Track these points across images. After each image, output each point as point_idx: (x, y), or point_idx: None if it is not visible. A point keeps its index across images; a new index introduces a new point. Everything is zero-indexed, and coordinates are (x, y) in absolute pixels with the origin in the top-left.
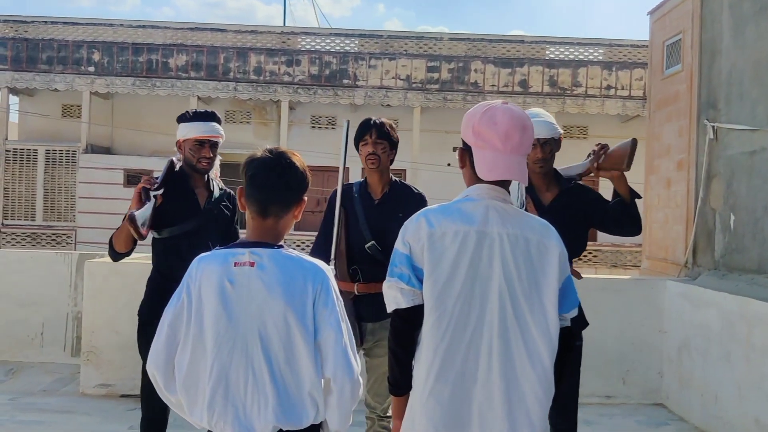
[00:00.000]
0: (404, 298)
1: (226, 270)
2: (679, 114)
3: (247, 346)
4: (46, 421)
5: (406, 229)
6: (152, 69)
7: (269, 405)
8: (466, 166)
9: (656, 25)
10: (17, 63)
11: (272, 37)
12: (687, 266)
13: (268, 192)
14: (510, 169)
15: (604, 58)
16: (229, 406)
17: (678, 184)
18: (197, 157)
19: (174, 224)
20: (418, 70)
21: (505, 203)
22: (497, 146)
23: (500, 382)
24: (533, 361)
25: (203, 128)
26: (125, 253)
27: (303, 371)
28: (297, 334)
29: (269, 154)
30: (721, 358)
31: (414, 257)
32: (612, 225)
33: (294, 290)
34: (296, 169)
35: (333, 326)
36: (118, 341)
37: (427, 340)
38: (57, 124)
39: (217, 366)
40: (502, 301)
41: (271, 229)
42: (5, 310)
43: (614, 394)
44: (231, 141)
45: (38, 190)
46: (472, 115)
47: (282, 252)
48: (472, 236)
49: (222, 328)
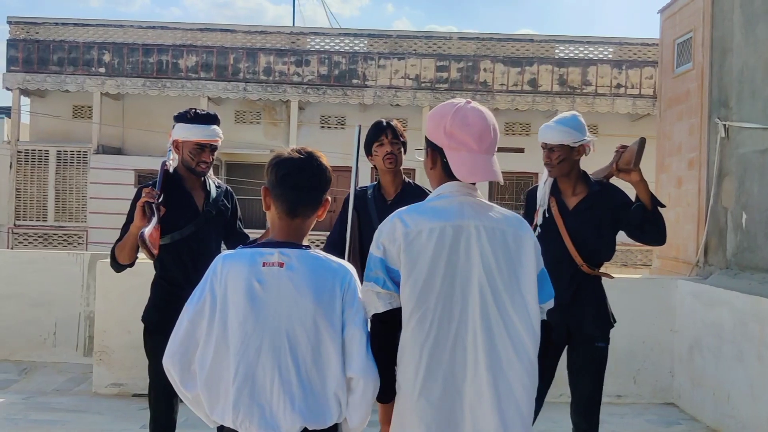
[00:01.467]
0: (381, 301)
1: (255, 270)
2: (690, 112)
3: (274, 346)
4: (59, 421)
5: (381, 231)
6: (162, 70)
7: (296, 404)
8: (436, 167)
9: (667, 24)
10: (29, 64)
11: (281, 37)
12: (698, 265)
13: (299, 192)
14: (488, 170)
15: (613, 56)
16: (255, 406)
17: (689, 183)
18: (197, 161)
19: (174, 230)
20: (427, 69)
21: (475, 198)
22: (472, 147)
23: (487, 375)
24: (518, 352)
25: (205, 132)
26: (128, 265)
27: (329, 371)
28: (325, 334)
29: (299, 154)
30: (734, 357)
31: (389, 260)
32: (636, 231)
33: (323, 291)
34: (325, 170)
35: (359, 326)
36: (130, 341)
37: (411, 341)
38: (68, 125)
39: (243, 365)
40: (483, 295)
41: (297, 229)
42: (18, 311)
43: (625, 393)
44: (241, 141)
45: (50, 191)
46: (440, 116)
47: (309, 253)
48: (449, 231)
49: (249, 328)
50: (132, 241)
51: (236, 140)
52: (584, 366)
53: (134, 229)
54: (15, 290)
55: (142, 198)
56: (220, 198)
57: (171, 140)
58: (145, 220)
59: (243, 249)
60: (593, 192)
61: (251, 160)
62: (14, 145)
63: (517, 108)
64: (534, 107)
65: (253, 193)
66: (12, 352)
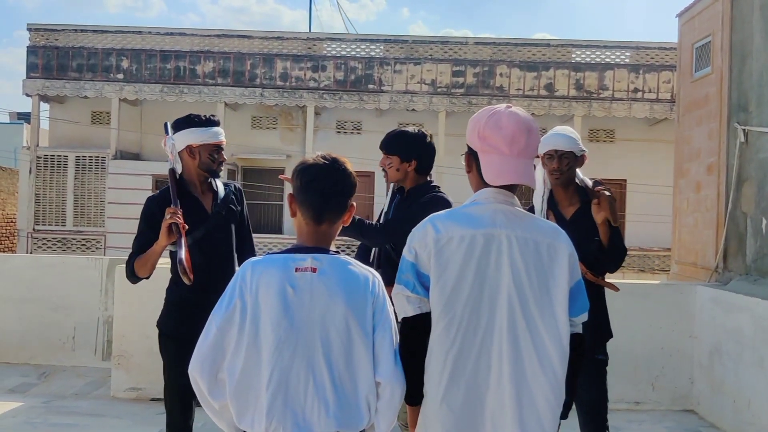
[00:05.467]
0: (410, 305)
1: (288, 275)
2: (709, 117)
3: (308, 351)
4: (79, 425)
5: (413, 236)
6: (180, 76)
7: (330, 410)
8: (473, 171)
9: (685, 28)
10: (48, 71)
11: (298, 43)
12: (717, 271)
13: (326, 198)
14: (517, 173)
15: (631, 60)
16: (288, 412)
17: (708, 188)
18: (217, 162)
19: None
20: (443, 74)
21: (512, 207)
22: (503, 150)
23: (511, 388)
24: (544, 366)
25: (219, 134)
26: (146, 277)
27: (361, 376)
28: (357, 339)
29: (325, 160)
30: (755, 364)
31: (419, 264)
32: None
33: (355, 296)
34: (351, 176)
35: (388, 331)
36: (148, 345)
37: (437, 347)
38: (87, 130)
39: (277, 371)
40: (511, 305)
41: (325, 234)
42: (38, 315)
43: (643, 400)
44: (258, 146)
45: (68, 196)
46: (477, 120)
47: (340, 258)
48: (479, 239)
49: (283, 334)
50: (155, 258)
51: (253, 145)
52: (586, 378)
53: (158, 248)
54: (35, 294)
55: (168, 219)
56: (230, 197)
57: (182, 146)
58: (170, 240)
59: (272, 255)
60: (587, 201)
61: (267, 165)
62: (34, 151)
63: (533, 113)
64: (550, 112)
65: (269, 198)
66: (32, 356)
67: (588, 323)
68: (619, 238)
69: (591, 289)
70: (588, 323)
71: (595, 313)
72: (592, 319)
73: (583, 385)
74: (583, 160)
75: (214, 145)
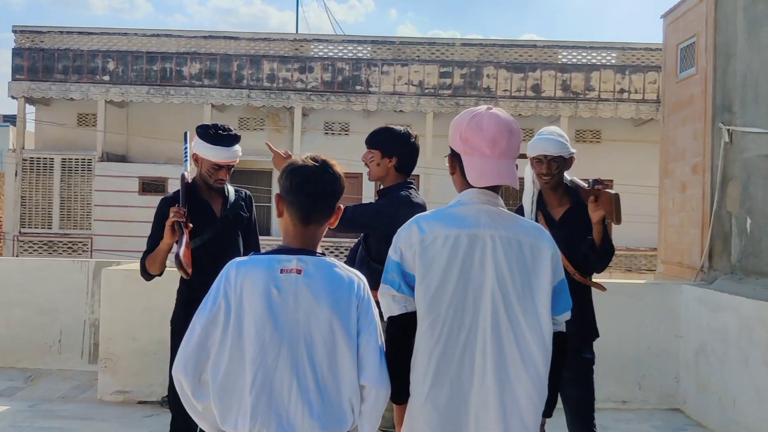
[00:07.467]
0: (396, 305)
1: (272, 276)
2: (694, 117)
3: (293, 353)
4: (65, 428)
5: (399, 236)
6: (166, 77)
7: (314, 411)
8: (456, 173)
9: (670, 28)
10: (33, 73)
11: (285, 44)
12: (703, 270)
13: (315, 200)
14: (500, 174)
15: (617, 61)
16: (273, 413)
17: (693, 188)
18: (214, 179)
19: (194, 237)
20: (430, 75)
21: (497, 207)
22: (485, 152)
23: (494, 386)
24: (527, 365)
25: (224, 154)
26: (158, 274)
27: (345, 378)
28: (341, 341)
29: (315, 162)
30: (740, 363)
31: (405, 264)
32: (580, 257)
33: (340, 298)
34: (340, 178)
35: (373, 335)
36: (135, 348)
37: (421, 346)
38: (73, 132)
39: (261, 373)
40: (495, 305)
41: (311, 236)
42: (24, 318)
43: (630, 399)
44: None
45: (55, 199)
46: (459, 122)
47: (325, 260)
48: (463, 239)
49: (268, 335)
50: (162, 256)
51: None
52: (573, 376)
53: (164, 245)
54: (21, 298)
55: (171, 217)
56: (239, 201)
57: (191, 151)
58: (174, 238)
59: (256, 255)
60: (576, 202)
61: (255, 166)
62: (19, 153)
63: (520, 114)
64: (537, 113)
65: (257, 200)
66: (18, 359)
67: (574, 323)
68: (607, 238)
69: (578, 289)
70: (574, 323)
71: (581, 312)
72: (578, 319)
73: (571, 384)
74: (572, 162)
75: (213, 163)
